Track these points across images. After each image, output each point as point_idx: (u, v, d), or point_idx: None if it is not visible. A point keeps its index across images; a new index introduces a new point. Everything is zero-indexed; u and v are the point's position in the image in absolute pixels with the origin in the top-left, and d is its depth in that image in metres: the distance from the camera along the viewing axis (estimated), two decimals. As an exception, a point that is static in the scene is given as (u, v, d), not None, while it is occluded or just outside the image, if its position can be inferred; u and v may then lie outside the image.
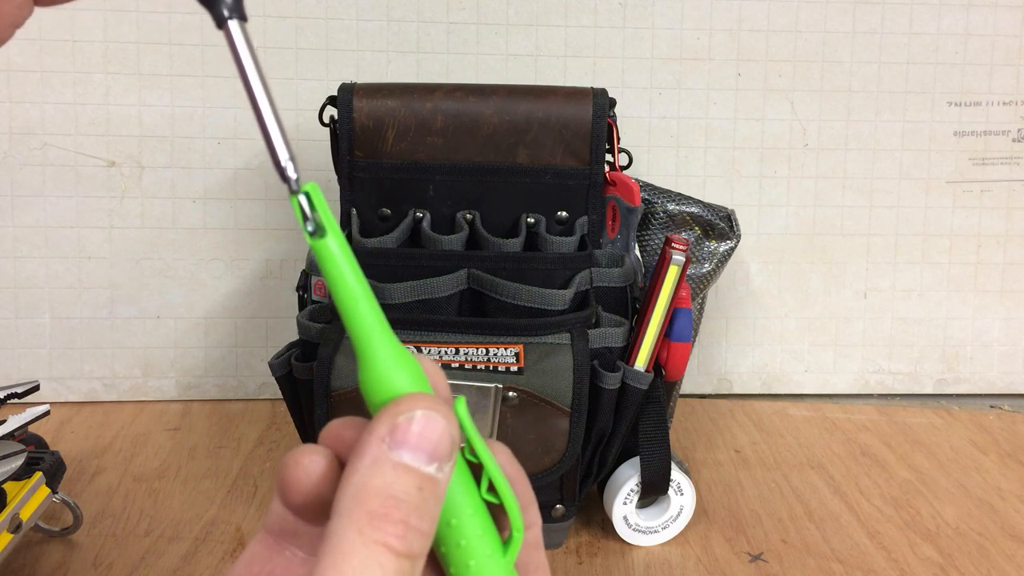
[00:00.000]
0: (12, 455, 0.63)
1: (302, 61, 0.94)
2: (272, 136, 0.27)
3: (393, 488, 0.23)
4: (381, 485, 0.23)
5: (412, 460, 0.24)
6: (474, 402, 0.62)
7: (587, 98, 0.72)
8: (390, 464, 0.23)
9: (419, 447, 0.24)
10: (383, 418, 0.24)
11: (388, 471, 0.23)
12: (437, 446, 0.24)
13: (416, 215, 0.72)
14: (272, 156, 0.27)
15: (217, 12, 0.27)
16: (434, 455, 0.24)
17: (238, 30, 0.27)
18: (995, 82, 0.99)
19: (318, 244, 0.26)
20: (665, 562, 0.69)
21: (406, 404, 0.25)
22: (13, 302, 0.94)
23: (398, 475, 0.23)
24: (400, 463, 0.23)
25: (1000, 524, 0.74)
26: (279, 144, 0.27)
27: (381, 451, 0.24)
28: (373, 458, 0.24)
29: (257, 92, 0.27)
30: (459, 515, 0.26)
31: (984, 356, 1.03)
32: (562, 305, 0.66)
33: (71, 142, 0.93)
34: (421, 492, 0.23)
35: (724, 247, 0.79)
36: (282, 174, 0.27)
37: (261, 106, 0.27)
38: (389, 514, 0.23)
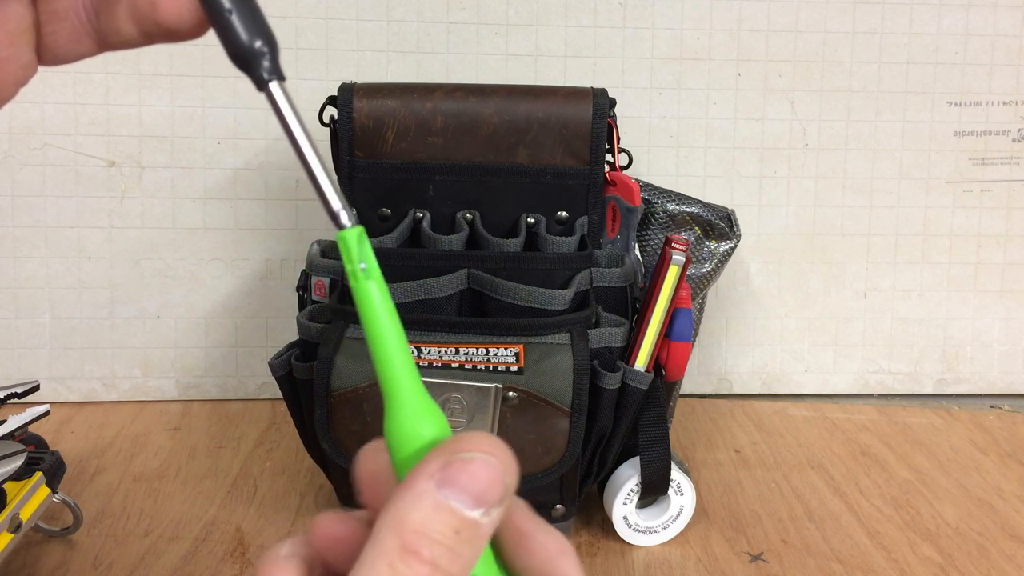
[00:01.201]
0: (12, 455, 0.63)
1: (302, 61, 0.94)
2: (324, 188, 0.28)
3: (429, 526, 0.23)
4: (419, 521, 0.23)
5: (455, 501, 0.23)
6: (474, 402, 0.62)
7: (587, 98, 0.72)
8: (432, 501, 0.23)
9: (465, 489, 0.24)
10: (438, 454, 0.24)
11: (428, 508, 0.23)
12: (485, 492, 0.24)
13: (416, 215, 0.72)
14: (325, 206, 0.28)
15: (257, 76, 0.28)
16: (480, 500, 0.24)
17: (279, 90, 0.28)
18: (995, 82, 0.99)
19: (362, 286, 0.27)
20: (665, 562, 0.69)
21: (465, 444, 0.24)
22: (13, 302, 0.94)
23: (437, 514, 0.23)
24: (442, 503, 0.23)
25: (1000, 524, 0.74)
26: (331, 194, 0.28)
27: (427, 487, 0.23)
28: (418, 492, 0.23)
29: (304, 148, 0.28)
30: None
31: (984, 356, 1.03)
32: (562, 305, 0.66)
33: (71, 142, 0.93)
34: (458, 535, 0.23)
35: (724, 247, 0.79)
36: (336, 221, 0.28)
37: (310, 160, 0.28)
38: (420, 552, 0.23)
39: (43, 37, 0.30)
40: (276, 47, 0.28)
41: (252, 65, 0.28)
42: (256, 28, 0.28)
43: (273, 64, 0.28)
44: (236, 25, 0.27)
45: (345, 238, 0.27)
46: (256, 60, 0.28)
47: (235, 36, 0.27)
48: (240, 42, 0.27)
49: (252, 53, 0.28)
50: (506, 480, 0.24)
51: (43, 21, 0.30)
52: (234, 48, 0.28)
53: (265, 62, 0.28)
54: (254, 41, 0.28)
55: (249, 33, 0.28)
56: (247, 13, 0.28)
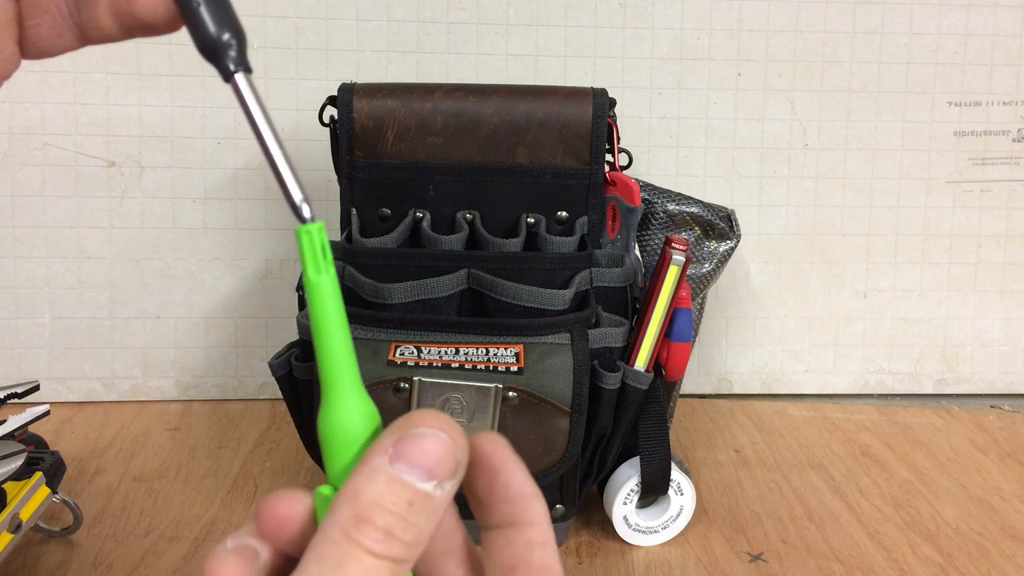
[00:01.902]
0: (12, 455, 0.63)
1: (302, 61, 0.94)
2: (286, 180, 0.28)
3: (383, 499, 0.24)
4: (373, 493, 0.24)
5: (408, 475, 0.24)
6: (474, 402, 0.62)
7: (587, 98, 0.72)
8: (385, 475, 0.24)
9: (416, 463, 0.25)
10: (392, 431, 0.25)
11: (382, 482, 0.24)
12: (437, 465, 0.25)
13: (416, 215, 0.72)
14: (287, 198, 0.28)
15: (223, 67, 0.28)
16: (432, 473, 0.25)
17: (244, 82, 0.28)
18: (995, 82, 0.99)
19: (319, 281, 0.27)
20: (665, 562, 0.69)
21: (415, 420, 0.25)
22: (13, 302, 0.94)
23: (391, 487, 0.24)
24: (395, 476, 0.24)
25: (1000, 524, 0.74)
26: (292, 186, 0.28)
27: (381, 462, 0.25)
28: (372, 467, 0.25)
29: (268, 140, 0.29)
30: None
31: (984, 356, 1.03)
32: (562, 305, 0.66)
33: (71, 142, 0.93)
34: (411, 506, 0.24)
35: (724, 247, 0.79)
36: (297, 213, 0.28)
37: (273, 153, 0.28)
38: (373, 520, 0.24)
39: (25, 30, 0.31)
40: (244, 40, 0.29)
41: (219, 56, 0.28)
42: (224, 20, 0.28)
43: (240, 56, 0.28)
44: (204, 17, 0.28)
45: (311, 231, 0.28)
46: (223, 51, 0.28)
47: (203, 28, 0.28)
48: (207, 34, 0.28)
49: (219, 44, 0.28)
50: (457, 454, 0.25)
51: (25, 15, 0.30)
52: (202, 40, 0.28)
53: (232, 53, 0.28)
54: (222, 33, 0.28)
55: (217, 25, 0.28)
56: (216, 6, 0.28)
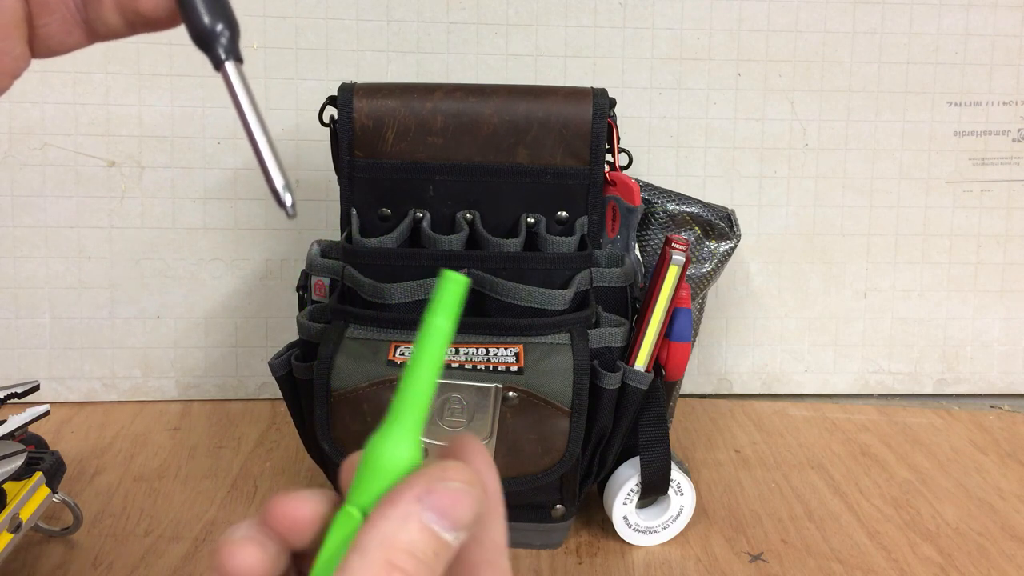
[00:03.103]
0: (12, 455, 0.63)
1: (302, 61, 0.94)
2: (269, 167, 0.29)
3: (415, 546, 0.25)
4: (406, 540, 0.25)
5: (438, 525, 0.26)
6: (474, 402, 0.62)
7: (587, 98, 0.72)
8: (419, 524, 0.25)
9: (447, 515, 0.26)
10: (423, 479, 0.26)
11: (415, 530, 0.25)
12: (463, 518, 0.26)
13: (416, 215, 0.72)
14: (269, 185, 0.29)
15: (214, 55, 0.29)
16: (457, 525, 0.26)
17: (234, 71, 0.29)
18: (995, 82, 0.99)
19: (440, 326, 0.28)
20: (665, 562, 0.69)
21: (451, 473, 0.26)
22: (13, 302, 0.94)
23: (423, 536, 0.25)
24: (426, 526, 0.25)
25: (1000, 524, 0.74)
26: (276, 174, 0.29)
27: (414, 509, 0.25)
28: (406, 513, 0.25)
29: (254, 128, 0.29)
30: None
31: (984, 356, 1.03)
32: (562, 305, 0.66)
33: (71, 142, 0.93)
34: (436, 556, 0.26)
35: (724, 247, 0.79)
36: (279, 200, 0.28)
37: (258, 140, 0.29)
38: (406, 568, 0.25)
39: (35, 29, 0.31)
40: (237, 31, 0.29)
41: (211, 45, 0.29)
42: (218, 11, 0.29)
43: (231, 45, 0.29)
44: (199, 7, 0.29)
45: (459, 283, 0.28)
46: (215, 40, 0.29)
47: (197, 17, 0.29)
48: (201, 23, 0.29)
49: (212, 34, 0.29)
50: (478, 507, 0.27)
51: (35, 14, 0.31)
52: (195, 28, 0.29)
53: (223, 42, 0.29)
54: (215, 23, 0.29)
55: (211, 15, 0.29)
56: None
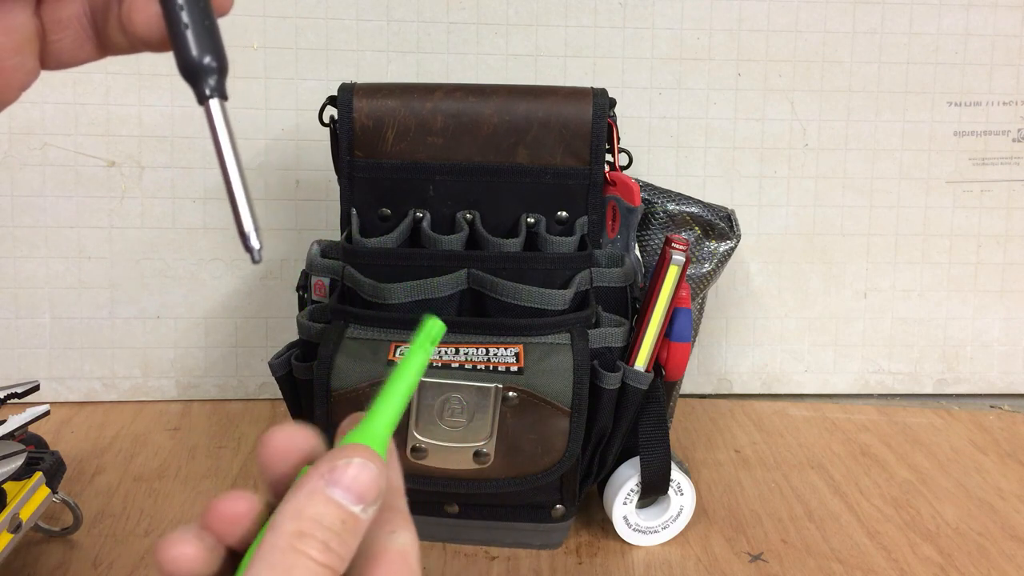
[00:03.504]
0: (12, 455, 0.63)
1: (302, 61, 0.94)
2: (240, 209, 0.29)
3: (322, 517, 0.28)
4: (312, 512, 0.28)
5: (342, 498, 0.28)
6: (474, 402, 0.62)
7: (587, 98, 0.72)
8: (323, 497, 0.28)
9: (350, 489, 0.28)
10: (327, 458, 0.29)
11: (320, 502, 0.28)
12: (365, 491, 0.29)
13: (416, 215, 0.72)
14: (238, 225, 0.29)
15: (199, 90, 0.29)
16: (361, 498, 0.29)
17: (217, 109, 0.29)
18: (995, 82, 0.99)
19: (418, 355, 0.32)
20: (665, 562, 0.69)
21: (348, 452, 0.29)
22: (13, 302, 0.94)
23: (328, 507, 0.28)
24: (331, 498, 0.28)
25: (1000, 524, 0.74)
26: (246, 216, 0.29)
27: (319, 485, 0.28)
28: (312, 489, 0.28)
29: (231, 169, 0.29)
30: None
31: (984, 356, 1.03)
32: (562, 305, 0.66)
33: (71, 142, 0.93)
34: (343, 524, 0.28)
35: (724, 247, 0.79)
36: (245, 242, 0.29)
37: (232, 182, 0.29)
38: (314, 534, 0.27)
39: (48, 44, 0.32)
40: (225, 68, 0.29)
41: (197, 80, 0.29)
42: (208, 46, 0.29)
43: (218, 83, 0.29)
44: (189, 40, 0.29)
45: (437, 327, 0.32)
46: (202, 76, 0.29)
47: (186, 50, 0.29)
48: (189, 56, 0.29)
49: (200, 68, 0.29)
50: (380, 483, 0.29)
51: (48, 30, 0.31)
52: (183, 60, 0.29)
53: (211, 80, 0.29)
54: (203, 57, 0.29)
55: (200, 49, 0.29)
56: (203, 31, 0.29)
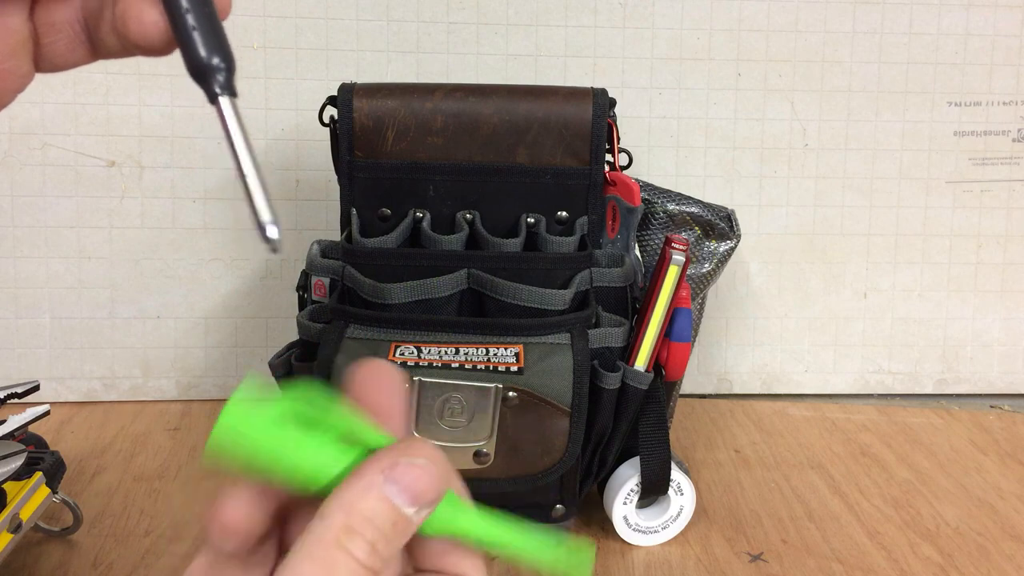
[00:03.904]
0: (12, 455, 0.63)
1: (302, 61, 0.94)
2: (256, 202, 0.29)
3: (374, 515, 0.27)
4: (365, 509, 0.27)
5: (397, 498, 0.27)
6: (474, 402, 0.62)
7: (587, 98, 0.72)
8: (379, 494, 0.27)
9: (409, 490, 0.27)
10: (390, 452, 0.28)
11: (375, 499, 0.27)
12: (423, 494, 0.27)
13: (416, 215, 0.72)
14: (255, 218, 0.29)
15: (210, 90, 0.29)
16: (416, 500, 0.27)
17: (228, 106, 0.29)
18: (995, 82, 0.99)
19: None
20: (665, 562, 0.69)
21: (415, 449, 0.28)
22: (13, 302, 0.94)
23: (382, 506, 0.27)
24: (386, 497, 0.27)
25: (1000, 524, 0.74)
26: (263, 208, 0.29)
27: (376, 481, 0.27)
28: (368, 484, 0.27)
29: (245, 165, 0.29)
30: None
31: (984, 356, 1.03)
32: (562, 305, 0.66)
33: (71, 142, 0.93)
34: (394, 527, 0.27)
35: (724, 247, 0.79)
36: (263, 233, 0.29)
37: (247, 175, 0.29)
38: (364, 533, 0.26)
39: (41, 48, 0.32)
40: (233, 65, 0.29)
41: (207, 79, 0.29)
42: (215, 45, 0.29)
43: (227, 81, 0.29)
44: (196, 40, 0.29)
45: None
46: (211, 75, 0.29)
47: (194, 51, 0.29)
48: (198, 57, 0.29)
49: (208, 68, 0.29)
50: (441, 487, 0.28)
51: (41, 33, 0.31)
52: (192, 61, 0.29)
53: (220, 77, 0.29)
54: (212, 57, 0.29)
55: (208, 49, 0.29)
56: (209, 31, 0.29)
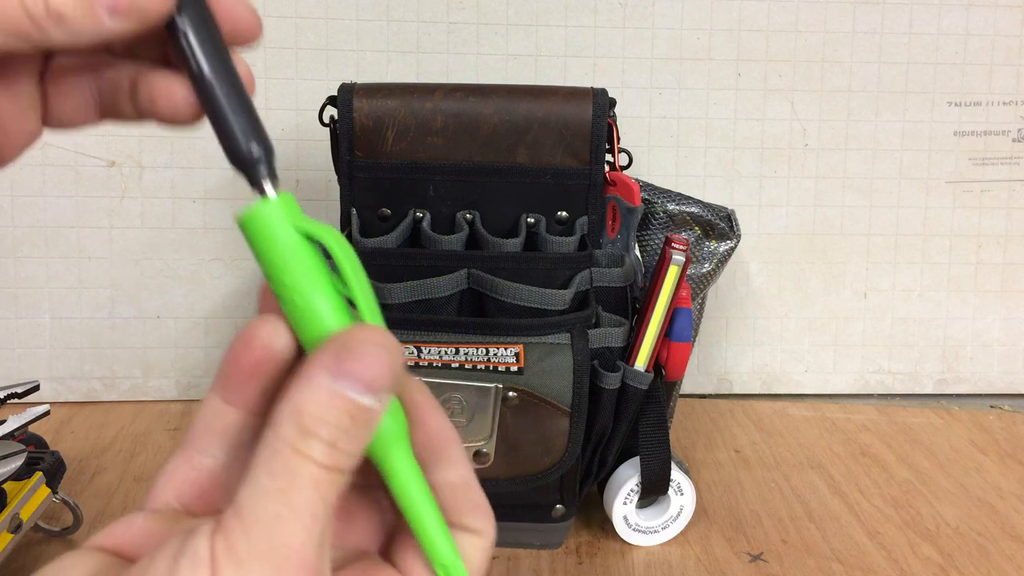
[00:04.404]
0: (12, 455, 0.63)
1: (302, 61, 0.94)
2: None
3: (326, 414, 0.25)
4: (315, 409, 0.25)
5: (349, 390, 0.25)
6: (474, 402, 0.62)
7: (587, 98, 0.72)
8: (327, 391, 0.25)
9: (359, 380, 0.25)
10: (333, 344, 0.26)
11: (324, 397, 0.25)
12: (376, 379, 0.25)
13: (416, 215, 0.72)
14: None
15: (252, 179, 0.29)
16: (371, 387, 0.25)
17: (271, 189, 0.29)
18: (995, 82, 0.99)
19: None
20: (665, 562, 0.69)
21: (359, 336, 0.26)
22: (13, 302, 0.94)
23: (332, 402, 0.25)
24: (336, 391, 0.25)
25: (1000, 524, 0.74)
26: None
27: (322, 377, 0.25)
28: (315, 383, 0.25)
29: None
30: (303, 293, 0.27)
31: (984, 356, 1.03)
32: (562, 305, 0.66)
33: (71, 142, 0.93)
34: (352, 419, 0.25)
35: (724, 247, 0.79)
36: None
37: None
38: (319, 433, 0.25)
39: (50, 108, 0.32)
40: (272, 151, 0.29)
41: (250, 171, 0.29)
42: (253, 131, 0.29)
43: (269, 169, 0.29)
44: (234, 129, 0.28)
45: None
46: (254, 167, 0.29)
47: (234, 142, 0.29)
48: (239, 149, 0.28)
49: (250, 161, 0.28)
50: (394, 367, 0.26)
51: (51, 93, 0.31)
52: (233, 154, 0.29)
53: (263, 169, 0.29)
54: (251, 147, 0.28)
55: (246, 138, 0.29)
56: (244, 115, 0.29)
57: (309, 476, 0.24)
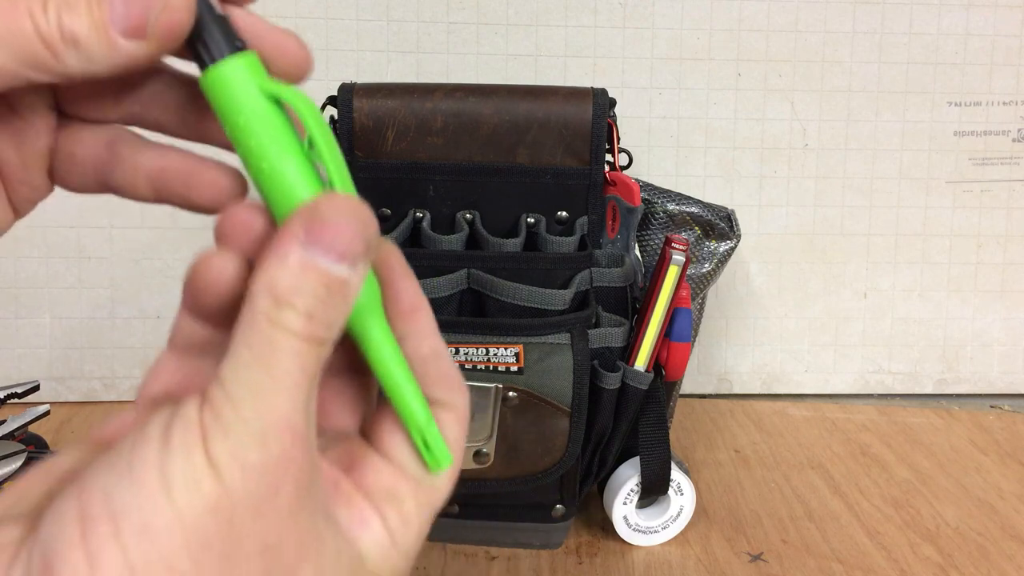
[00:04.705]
0: (12, 455, 0.63)
1: (302, 61, 0.93)
2: None
3: (299, 285, 0.24)
4: (288, 281, 0.24)
5: (322, 260, 0.24)
6: (474, 402, 0.62)
7: (587, 98, 0.72)
8: (299, 263, 0.24)
9: (331, 248, 0.24)
10: (299, 216, 0.25)
11: (297, 268, 0.24)
12: (349, 248, 0.25)
13: (416, 215, 0.72)
14: None
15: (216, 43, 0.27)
16: (344, 256, 0.25)
17: None
18: (995, 82, 0.99)
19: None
20: (665, 562, 0.69)
21: (324, 204, 0.25)
22: (13, 302, 0.94)
23: (306, 273, 0.24)
24: (308, 262, 0.24)
25: (1000, 524, 0.74)
26: None
27: (292, 249, 0.24)
28: (284, 255, 0.24)
29: None
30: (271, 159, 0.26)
31: (984, 356, 1.03)
32: (562, 305, 0.66)
33: (71, 142, 0.93)
34: (328, 290, 0.24)
35: (724, 247, 0.79)
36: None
37: None
38: (294, 304, 0.24)
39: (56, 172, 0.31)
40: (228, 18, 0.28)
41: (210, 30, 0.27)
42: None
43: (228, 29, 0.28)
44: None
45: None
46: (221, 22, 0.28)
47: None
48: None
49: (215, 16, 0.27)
50: (366, 235, 0.25)
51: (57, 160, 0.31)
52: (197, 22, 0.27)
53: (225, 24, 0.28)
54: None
55: None
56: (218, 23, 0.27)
57: (288, 347, 0.24)
